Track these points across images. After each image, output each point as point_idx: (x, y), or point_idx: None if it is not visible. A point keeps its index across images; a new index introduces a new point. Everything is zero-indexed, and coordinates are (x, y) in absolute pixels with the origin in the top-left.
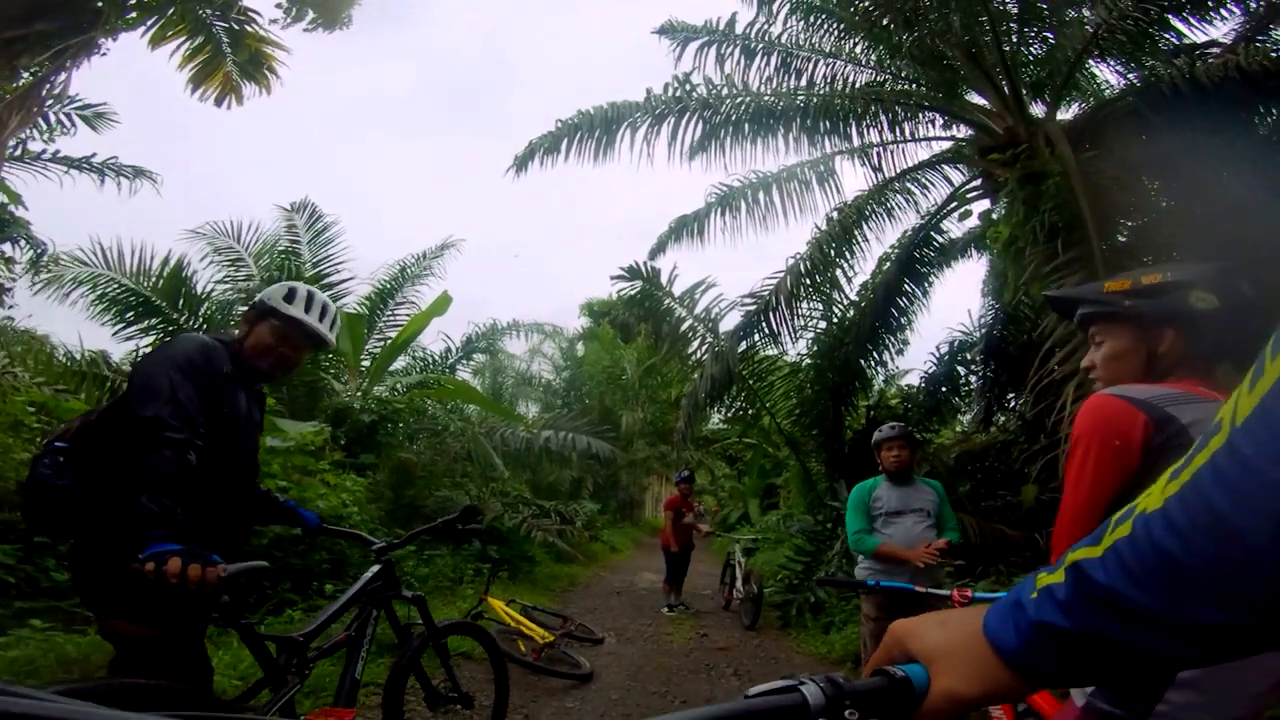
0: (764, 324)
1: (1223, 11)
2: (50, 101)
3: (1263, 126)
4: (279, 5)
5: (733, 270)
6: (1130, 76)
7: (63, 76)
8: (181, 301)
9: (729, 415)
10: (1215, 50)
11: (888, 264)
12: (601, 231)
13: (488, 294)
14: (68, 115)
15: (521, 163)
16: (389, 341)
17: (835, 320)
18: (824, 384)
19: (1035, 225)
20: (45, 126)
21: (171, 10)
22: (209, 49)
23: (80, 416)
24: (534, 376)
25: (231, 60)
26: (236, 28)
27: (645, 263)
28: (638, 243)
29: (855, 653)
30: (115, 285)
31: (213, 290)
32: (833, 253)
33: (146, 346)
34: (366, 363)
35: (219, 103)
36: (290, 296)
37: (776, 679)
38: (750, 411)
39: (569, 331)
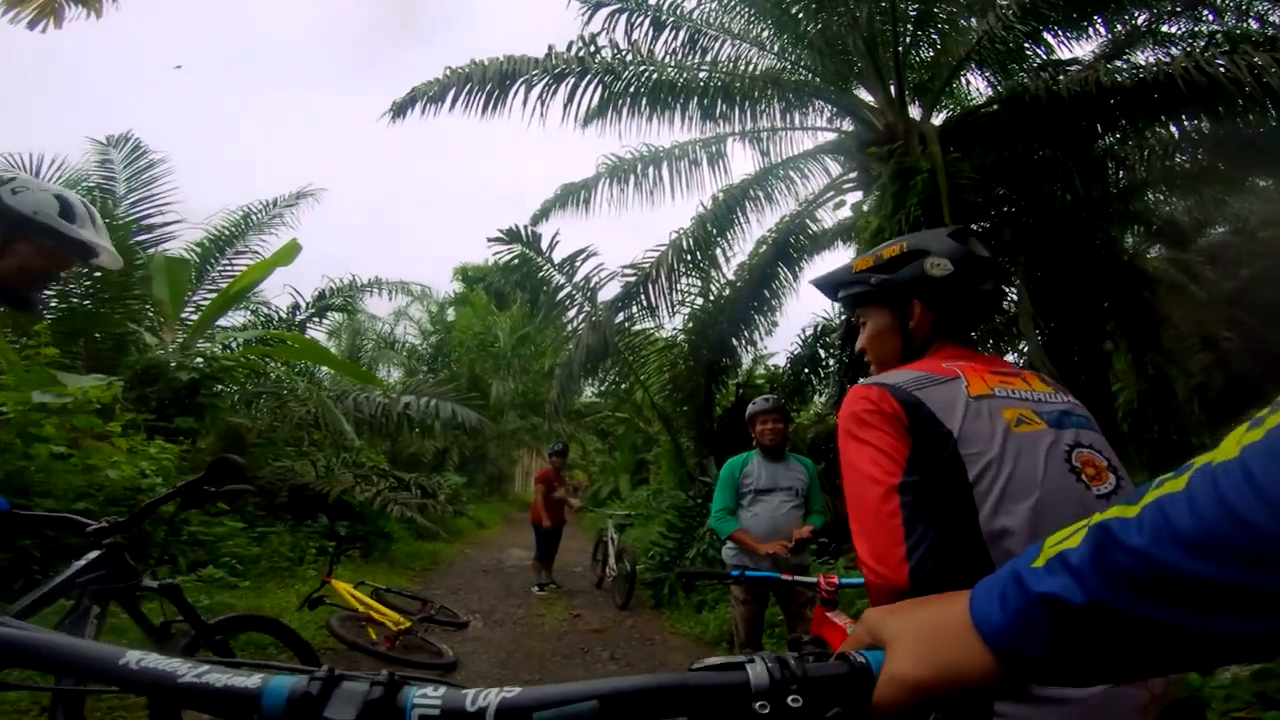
0: (643, 296)
1: (1090, 32)
2: None
3: (1102, 142)
4: None
5: (614, 244)
6: (999, 87)
7: None
8: None
9: (603, 388)
10: (1075, 67)
11: (764, 247)
12: (483, 201)
13: (355, 254)
14: None
15: (400, 108)
16: (218, 292)
17: (712, 298)
18: (698, 360)
19: (902, 218)
20: None
21: None
22: None
23: None
24: (398, 340)
25: None
26: None
27: (526, 227)
28: (521, 215)
29: (729, 633)
30: None
31: None
32: (715, 231)
33: None
34: (193, 316)
35: (33, 26)
36: (69, 213)
37: (653, 661)
38: (624, 385)
39: (440, 295)
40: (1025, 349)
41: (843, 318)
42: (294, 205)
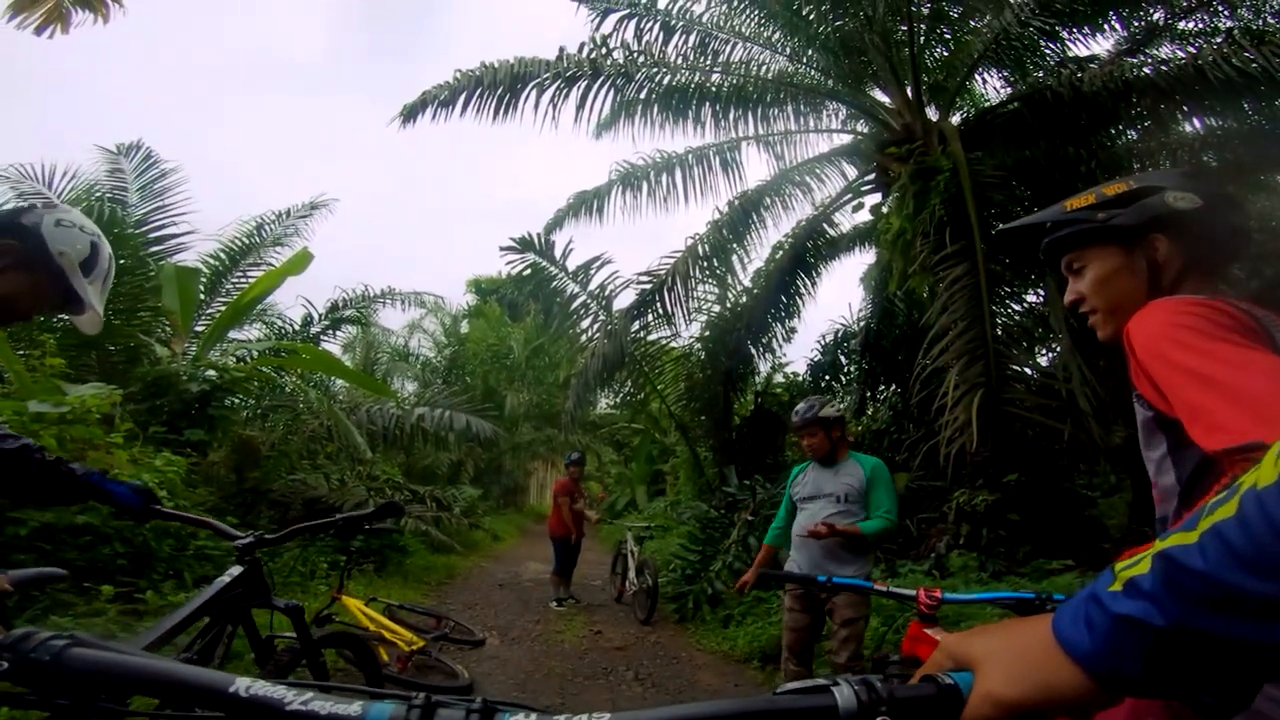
0: (659, 304)
1: (1106, 28)
2: None
3: (1123, 140)
4: None
5: (628, 252)
6: (1019, 85)
7: None
8: None
9: (619, 398)
10: (1095, 65)
11: (781, 252)
12: (496, 212)
13: (369, 266)
14: None
15: (411, 112)
16: (229, 304)
17: (729, 305)
18: (715, 368)
19: (925, 218)
20: None
21: None
22: None
23: None
24: (412, 353)
25: None
26: None
27: (539, 235)
28: (535, 223)
29: (760, 649)
30: None
31: None
32: (731, 238)
33: None
34: (204, 327)
35: (39, 32)
36: (92, 265)
37: (680, 681)
38: (640, 395)
39: (454, 307)
40: (1056, 348)
41: (863, 324)
42: (308, 216)
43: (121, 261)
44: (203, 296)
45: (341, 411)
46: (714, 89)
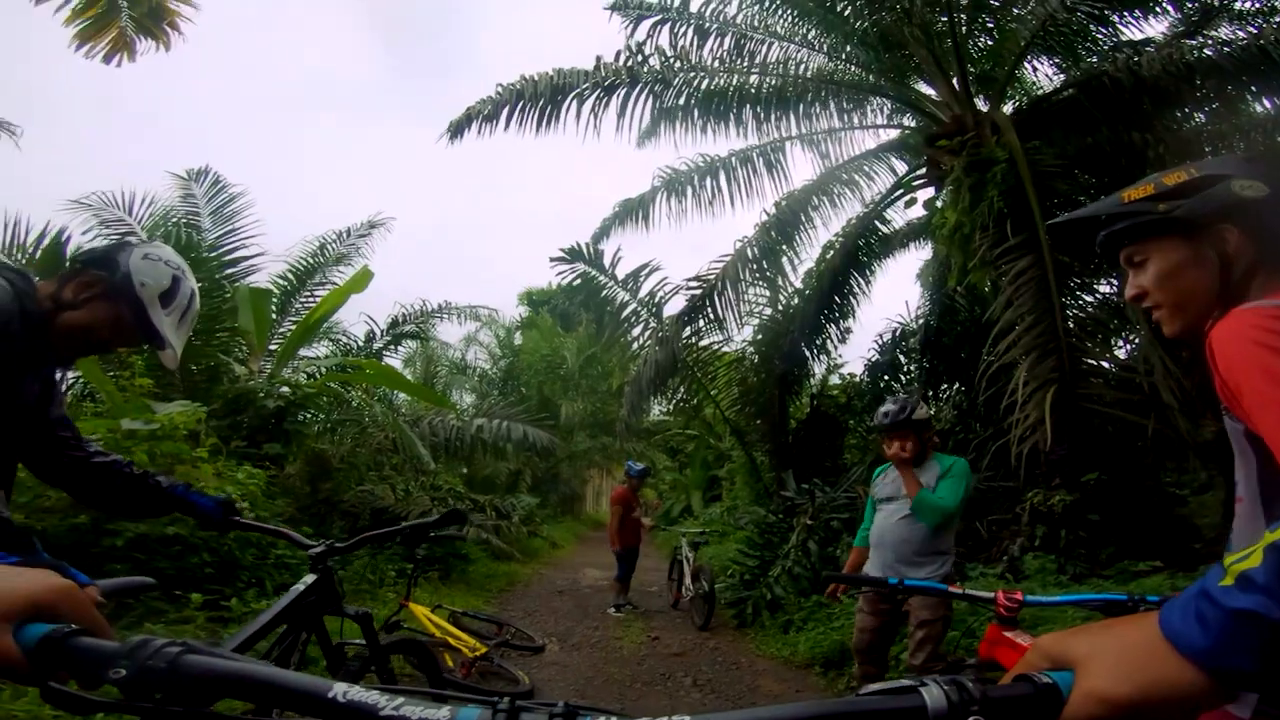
0: (709, 309)
1: (1158, 10)
2: None
3: (1191, 123)
4: None
5: (677, 259)
6: (1071, 72)
7: None
8: None
9: (673, 404)
10: (1150, 49)
11: (832, 252)
12: (543, 225)
13: (424, 284)
14: None
15: (456, 129)
16: (299, 322)
17: (781, 307)
18: (769, 372)
19: (984, 211)
20: None
21: None
22: (103, 2)
23: None
24: (469, 365)
25: (127, 14)
26: None
27: (587, 244)
28: (583, 234)
29: (823, 655)
30: None
31: None
32: (780, 239)
33: None
34: (276, 346)
35: (108, 60)
36: (171, 296)
37: (740, 686)
38: (694, 401)
39: (507, 320)
40: (1135, 340)
41: (921, 321)
42: (366, 235)
43: (199, 284)
44: (274, 316)
45: (405, 424)
46: (753, 90)
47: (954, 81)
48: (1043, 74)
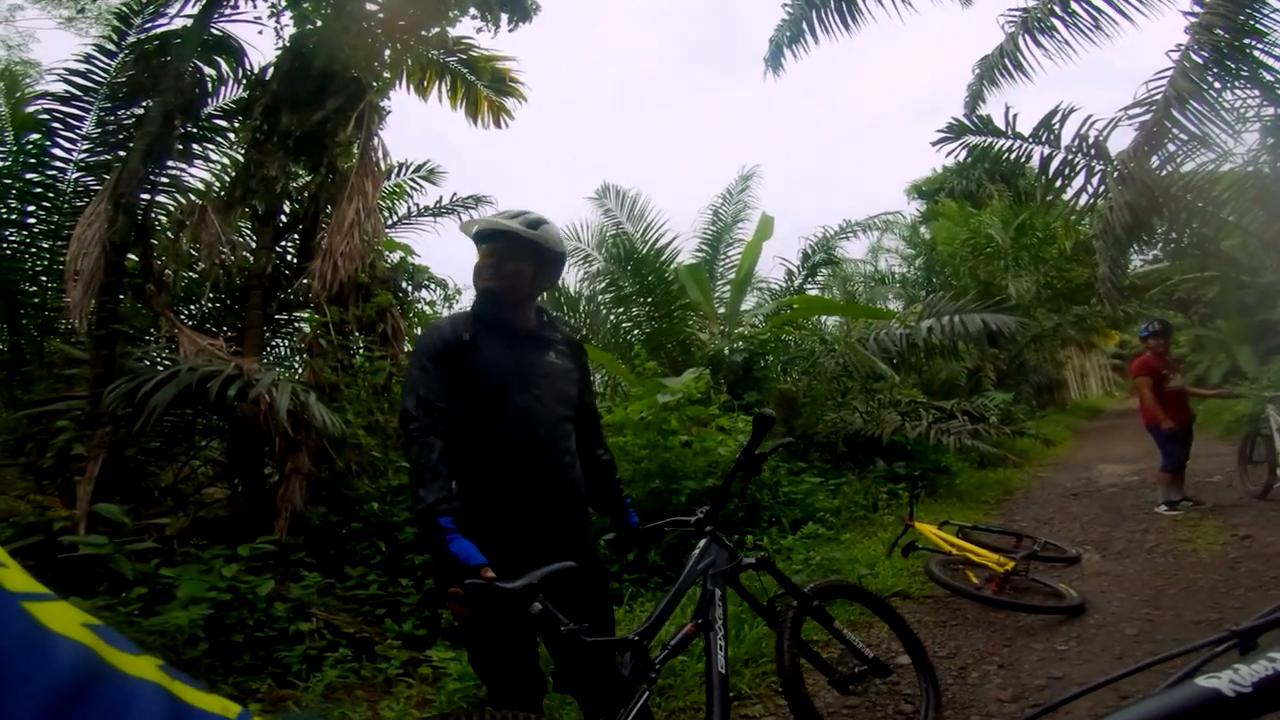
0: (1173, 129)
1: None
2: (388, 168)
3: None
4: (473, 17)
5: (1085, 94)
6: None
7: (376, 141)
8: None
9: (1166, 249)
10: None
11: None
12: (893, 126)
13: (800, 213)
14: (413, 181)
15: (773, 61)
16: (731, 283)
17: None
18: None
19: None
20: (397, 191)
21: (409, 62)
22: (461, 84)
23: None
24: (884, 274)
25: (483, 85)
26: (466, 57)
27: (964, 116)
28: (936, 123)
29: None
30: None
31: (582, 290)
32: (1245, 20)
33: None
34: (721, 311)
35: (498, 124)
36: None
37: None
38: (1192, 239)
39: (909, 217)
40: None
41: None
42: (745, 188)
43: (649, 279)
44: (711, 284)
45: (855, 344)
46: None
47: None
48: None
